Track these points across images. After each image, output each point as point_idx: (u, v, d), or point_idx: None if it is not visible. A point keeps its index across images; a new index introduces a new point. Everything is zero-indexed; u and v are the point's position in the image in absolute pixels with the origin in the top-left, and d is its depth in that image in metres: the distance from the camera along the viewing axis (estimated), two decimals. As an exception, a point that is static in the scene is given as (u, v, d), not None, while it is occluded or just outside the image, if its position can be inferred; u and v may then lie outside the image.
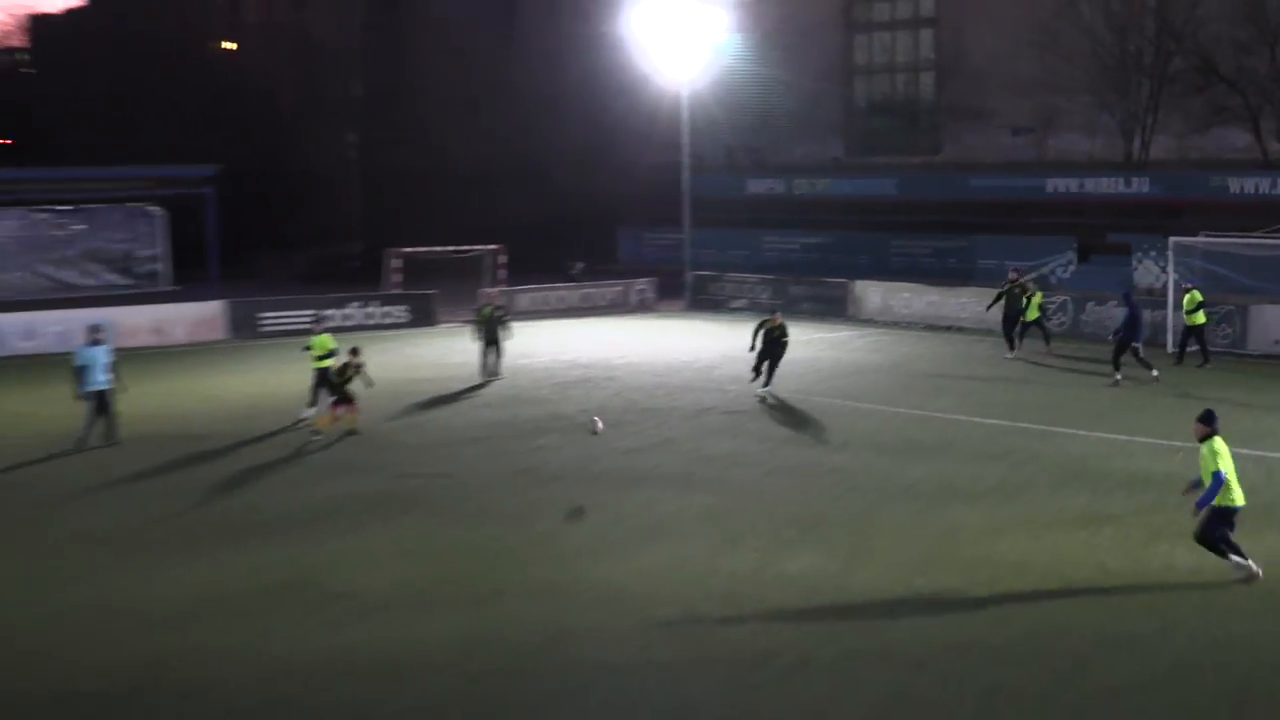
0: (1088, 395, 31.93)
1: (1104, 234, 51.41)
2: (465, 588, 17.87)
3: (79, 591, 18.09)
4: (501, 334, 35.61)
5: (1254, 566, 17.55)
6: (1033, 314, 39.05)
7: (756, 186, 67.12)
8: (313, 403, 29.26)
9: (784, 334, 32.63)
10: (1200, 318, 36.51)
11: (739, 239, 61.23)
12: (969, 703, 14.05)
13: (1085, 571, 18.33)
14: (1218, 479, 17.22)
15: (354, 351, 29.29)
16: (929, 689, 14.38)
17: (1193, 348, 36.62)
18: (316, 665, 15.29)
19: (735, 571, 18.31)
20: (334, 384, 28.78)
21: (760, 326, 32.74)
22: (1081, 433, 27.32)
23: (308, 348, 29.99)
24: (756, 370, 32.56)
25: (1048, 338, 39.25)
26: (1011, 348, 38.61)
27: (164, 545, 20.17)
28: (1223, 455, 17.38)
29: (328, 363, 29.39)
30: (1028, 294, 39.19)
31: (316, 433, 28.01)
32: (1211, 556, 17.80)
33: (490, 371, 35.48)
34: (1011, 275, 39.79)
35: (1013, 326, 38.89)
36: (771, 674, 14.89)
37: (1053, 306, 44.10)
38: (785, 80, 66.19)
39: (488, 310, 35.97)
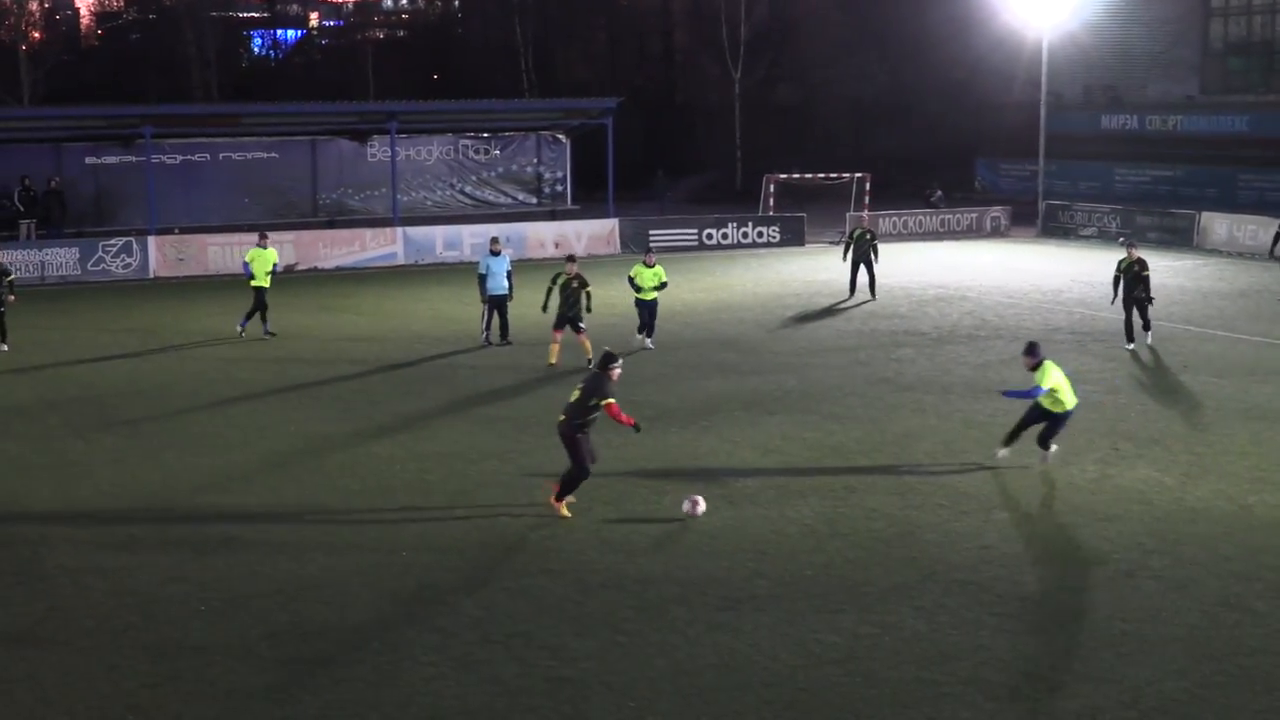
0: None
1: None
2: (824, 482, 17.96)
3: (497, 462, 18.92)
4: (872, 256, 34.43)
5: (1001, 453, 18.57)
6: None
7: (1110, 123, 64.51)
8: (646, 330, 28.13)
9: (1142, 269, 27.49)
10: None
11: (1091, 171, 59.32)
12: (1297, 615, 13.42)
13: None
14: (1037, 391, 18.02)
15: (570, 259, 26.78)
16: (1259, 600, 13.77)
17: None
18: (685, 542, 15.66)
19: (1074, 481, 17.87)
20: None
21: (1119, 269, 27.74)
22: None
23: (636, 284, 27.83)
24: (1129, 327, 27.43)
25: None
26: None
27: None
28: (1049, 373, 18.02)
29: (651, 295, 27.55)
30: None
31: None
32: None
33: (863, 290, 34.37)
34: None
35: None
36: (1106, 575, 14.52)
37: None
38: (1143, 21, 63.41)
39: (859, 233, 34.97)
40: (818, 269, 40.82)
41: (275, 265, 30.21)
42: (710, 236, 46.88)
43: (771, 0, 72.71)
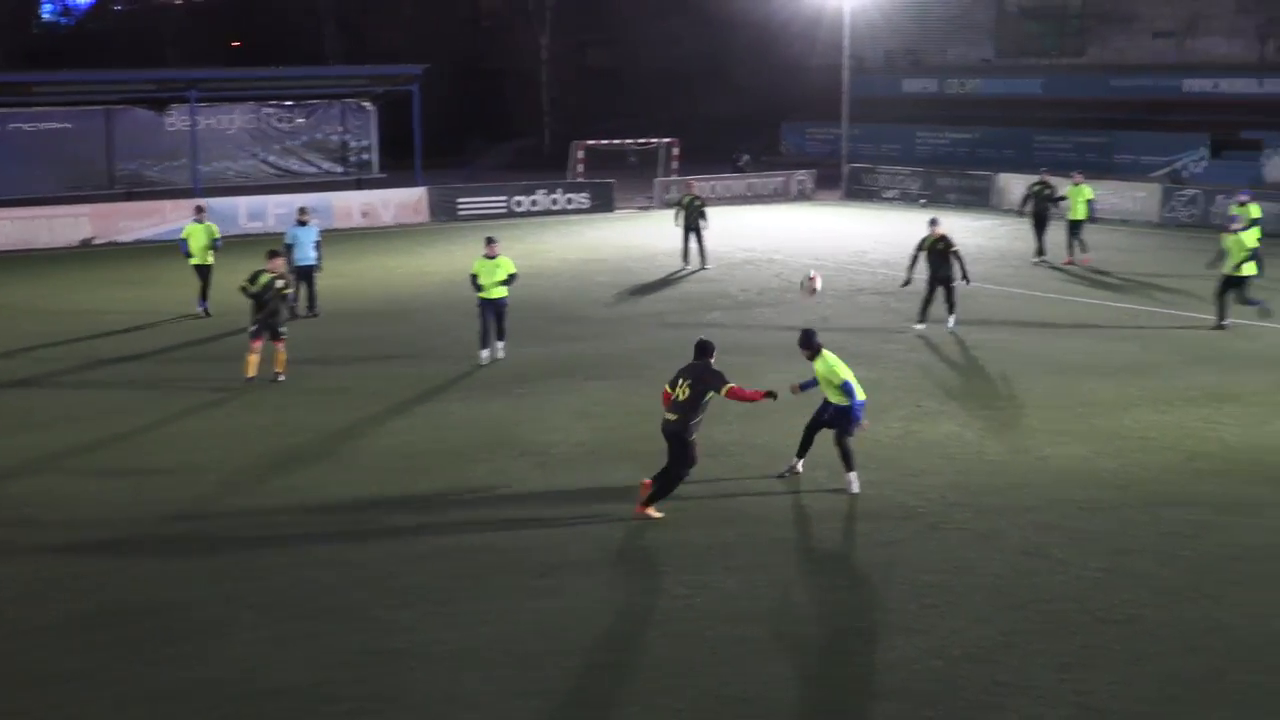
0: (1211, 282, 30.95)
1: (1237, 131, 49.73)
2: (640, 446, 18.11)
3: (304, 436, 18.71)
4: (701, 223, 33.95)
5: (795, 466, 16.67)
6: (1080, 213, 34.05)
7: (911, 86, 66.03)
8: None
9: (950, 246, 25.61)
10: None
11: (893, 134, 60.52)
12: (1097, 559, 13.97)
13: (1208, 445, 18.04)
14: (848, 386, 16.00)
15: (271, 256, 22.52)
16: (1059, 548, 14.32)
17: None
18: (502, 511, 15.70)
19: (879, 438, 18.28)
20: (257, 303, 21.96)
21: (920, 247, 26.01)
22: (1208, 317, 26.66)
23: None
24: (927, 305, 25.81)
25: (1080, 245, 34.17)
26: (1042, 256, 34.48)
27: (379, 399, 20.70)
28: (839, 365, 16.17)
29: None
30: (1054, 194, 34.74)
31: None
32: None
33: (693, 259, 33.98)
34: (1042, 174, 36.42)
35: (1042, 227, 34.63)
36: (913, 529, 14.95)
37: (1184, 199, 42.99)
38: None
39: (687, 199, 34.30)
40: (627, 234, 41.03)
41: (217, 240, 28.48)
42: (519, 204, 46.72)
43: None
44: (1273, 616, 12.59)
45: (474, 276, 23.36)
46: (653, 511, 15.29)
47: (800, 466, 16.73)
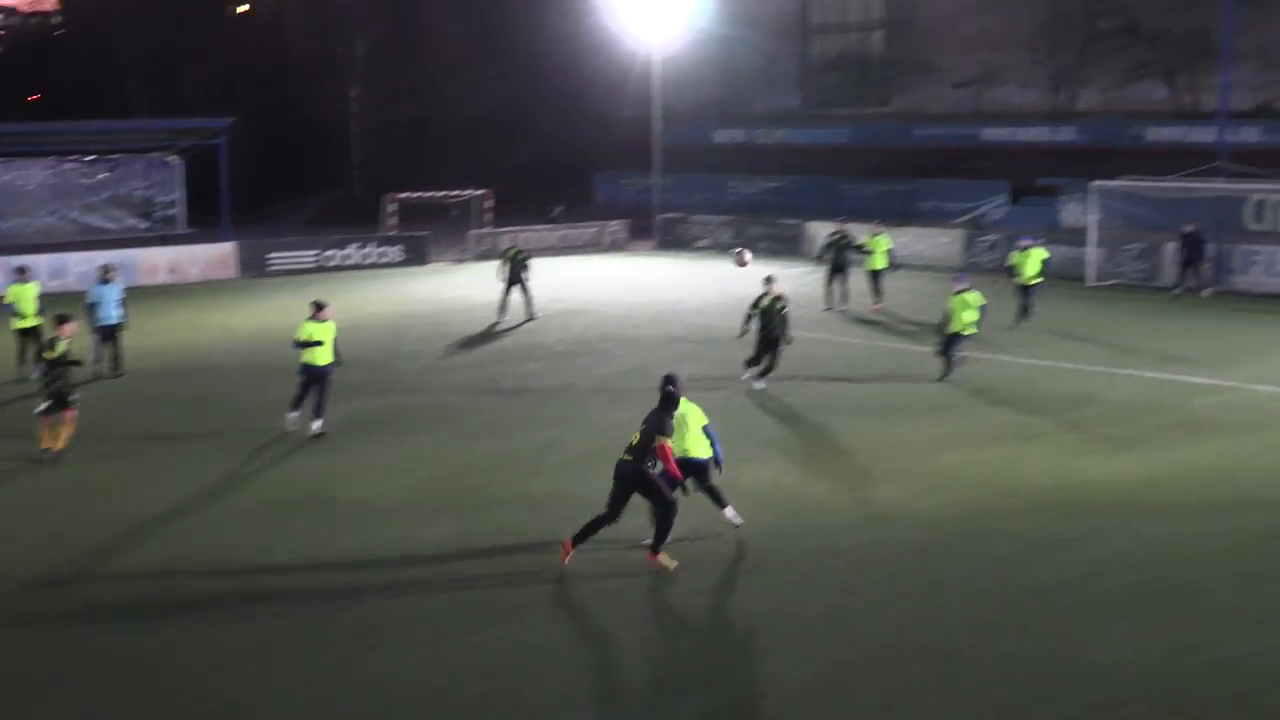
0: (1006, 323, 31.89)
1: (1034, 178, 51.45)
2: (458, 499, 17.97)
3: (110, 502, 18.14)
4: (524, 275, 33.76)
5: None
6: (880, 262, 34.65)
7: (721, 136, 67.01)
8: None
9: (784, 305, 25.30)
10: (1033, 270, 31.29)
11: (704, 184, 61.02)
12: (914, 597, 14.22)
13: (1015, 482, 18.53)
14: (709, 431, 16.09)
15: (60, 321, 20.95)
16: (876, 588, 14.54)
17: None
18: (316, 570, 15.43)
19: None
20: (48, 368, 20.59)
21: (755, 305, 25.22)
22: (1007, 358, 27.45)
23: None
24: (757, 359, 25.31)
25: (877, 294, 34.55)
26: (830, 305, 34.79)
27: (185, 459, 20.20)
28: (694, 412, 16.09)
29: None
30: (852, 242, 34.92)
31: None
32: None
33: (522, 312, 33.59)
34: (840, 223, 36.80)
35: (843, 277, 34.83)
36: (734, 575, 15.05)
37: (985, 244, 44.32)
38: (748, 39, 66.10)
39: (512, 251, 34.13)
40: (442, 287, 40.83)
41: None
42: (331, 258, 46.14)
43: (389, 16, 72.27)
44: (1082, 647, 12.94)
45: (302, 341, 21.66)
46: (665, 559, 15.08)
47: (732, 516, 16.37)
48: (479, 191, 53.35)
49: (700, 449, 16.00)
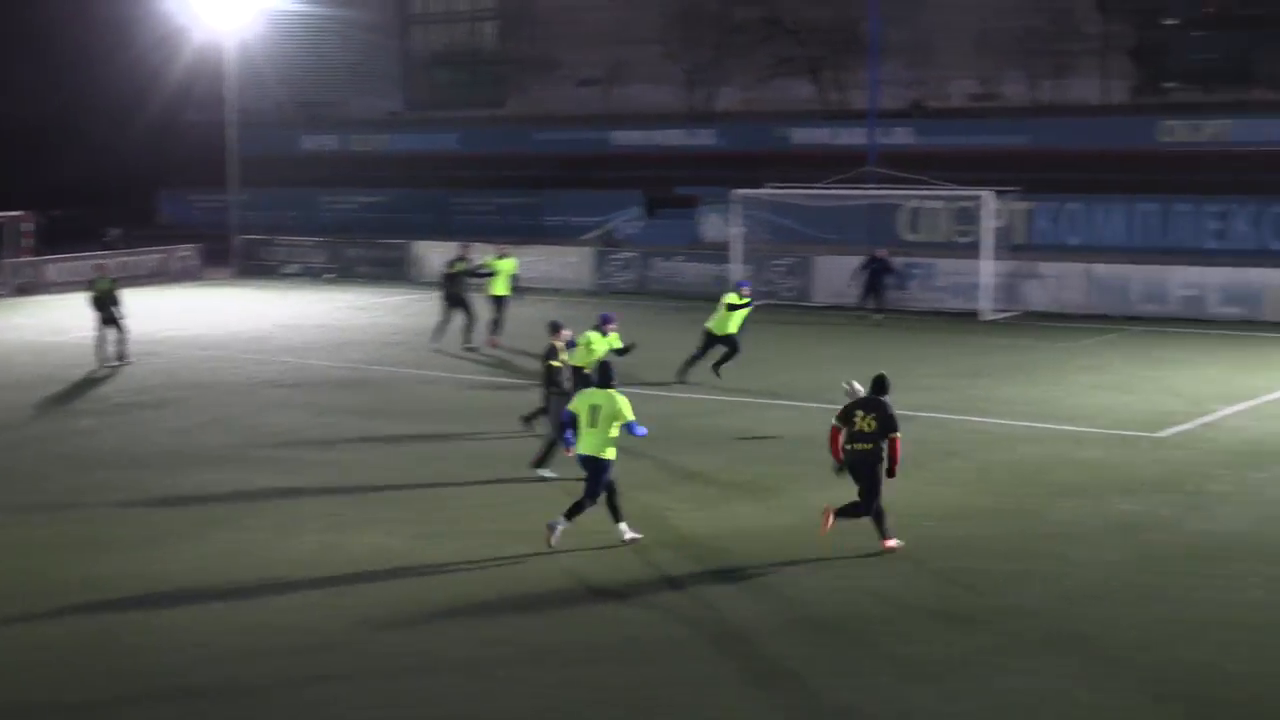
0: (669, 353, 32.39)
1: (671, 187, 52.72)
2: (9, 585, 17.03)
3: None
4: (115, 310, 32.07)
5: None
6: (502, 287, 34.92)
7: (311, 143, 66.22)
8: None
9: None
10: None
11: (292, 199, 60.27)
12: (551, 671, 14.18)
13: (664, 533, 18.77)
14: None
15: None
16: (508, 665, 14.44)
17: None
18: None
19: (296, 556, 17.97)
20: None
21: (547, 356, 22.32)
22: (662, 393, 27.94)
23: None
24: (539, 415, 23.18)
25: (498, 325, 34.69)
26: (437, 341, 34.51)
27: None
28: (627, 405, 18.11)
29: None
30: (474, 267, 35.10)
31: None
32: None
33: (115, 356, 32.22)
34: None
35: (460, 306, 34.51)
36: (333, 660, 14.70)
37: (619, 263, 45.21)
38: (339, 30, 65.55)
39: (104, 284, 32.42)
40: (-28, 329, 38.93)
41: None
42: None
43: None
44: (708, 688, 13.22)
45: None
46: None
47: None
48: (16, 214, 51.13)
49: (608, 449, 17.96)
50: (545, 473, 21.51)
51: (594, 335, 23.88)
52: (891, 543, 17.75)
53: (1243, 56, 52.67)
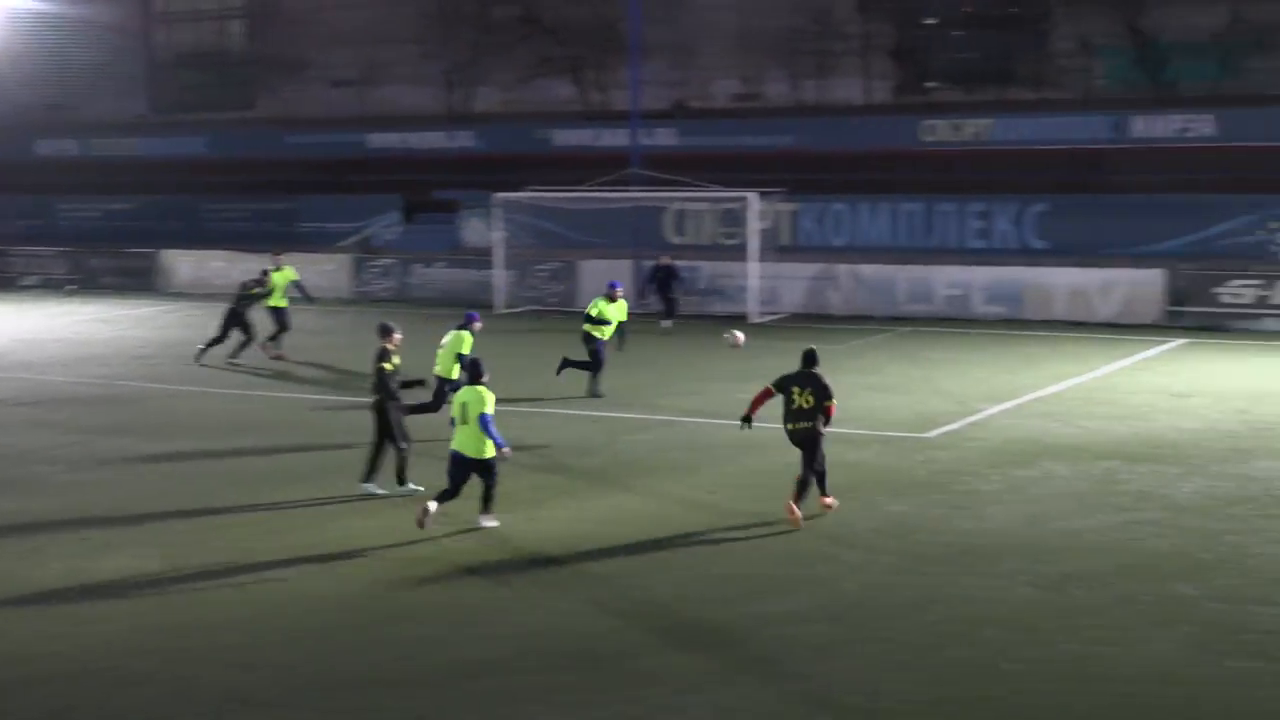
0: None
1: (429, 191, 52.51)
2: None
3: None
4: None
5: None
6: (278, 300, 34.58)
7: (47, 148, 64.44)
8: None
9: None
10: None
11: (28, 207, 58.76)
12: (311, 699, 13.99)
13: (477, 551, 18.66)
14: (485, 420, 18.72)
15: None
16: (267, 690, 14.18)
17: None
18: None
19: (42, 584, 17.42)
20: None
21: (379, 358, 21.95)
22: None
23: None
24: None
25: (279, 333, 34.59)
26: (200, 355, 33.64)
27: None
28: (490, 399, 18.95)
29: None
30: (263, 291, 34.33)
31: None
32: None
33: None
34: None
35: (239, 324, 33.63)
36: (94, 687, 14.29)
37: (378, 270, 44.86)
38: (77, 27, 63.97)
39: None
40: None
41: None
42: None
43: None
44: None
45: None
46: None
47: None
48: None
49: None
50: (372, 488, 21.31)
51: (463, 333, 24.71)
52: (829, 500, 19.86)
53: (1002, 56, 54.03)
